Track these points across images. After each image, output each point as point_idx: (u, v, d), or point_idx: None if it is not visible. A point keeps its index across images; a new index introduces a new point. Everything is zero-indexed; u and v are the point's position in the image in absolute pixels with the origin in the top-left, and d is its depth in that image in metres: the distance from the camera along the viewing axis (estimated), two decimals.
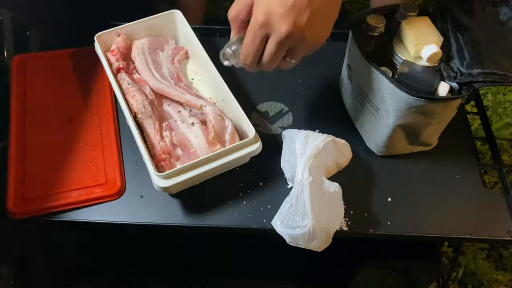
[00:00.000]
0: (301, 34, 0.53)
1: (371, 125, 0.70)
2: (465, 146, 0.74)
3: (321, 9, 0.53)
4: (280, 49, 0.55)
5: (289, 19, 0.52)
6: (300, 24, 0.52)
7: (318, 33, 0.55)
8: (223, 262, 0.90)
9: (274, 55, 0.56)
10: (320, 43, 0.56)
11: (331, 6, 0.54)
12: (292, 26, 0.52)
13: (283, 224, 0.60)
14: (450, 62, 0.61)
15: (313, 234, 0.58)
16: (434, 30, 0.62)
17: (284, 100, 0.79)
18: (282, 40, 0.53)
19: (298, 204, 0.60)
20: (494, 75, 0.57)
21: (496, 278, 1.08)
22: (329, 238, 0.60)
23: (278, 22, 0.52)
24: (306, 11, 0.52)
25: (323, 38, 0.56)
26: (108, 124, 0.74)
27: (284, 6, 0.52)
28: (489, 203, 0.68)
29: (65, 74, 0.80)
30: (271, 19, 0.53)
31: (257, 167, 0.70)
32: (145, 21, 0.79)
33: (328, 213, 0.60)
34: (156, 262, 0.90)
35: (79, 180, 0.68)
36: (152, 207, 0.67)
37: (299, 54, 0.57)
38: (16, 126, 0.73)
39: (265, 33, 0.54)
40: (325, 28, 0.55)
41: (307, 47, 0.56)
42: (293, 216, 0.60)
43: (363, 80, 0.67)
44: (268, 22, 0.53)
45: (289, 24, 0.52)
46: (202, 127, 0.68)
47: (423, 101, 0.59)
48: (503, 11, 0.63)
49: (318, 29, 0.54)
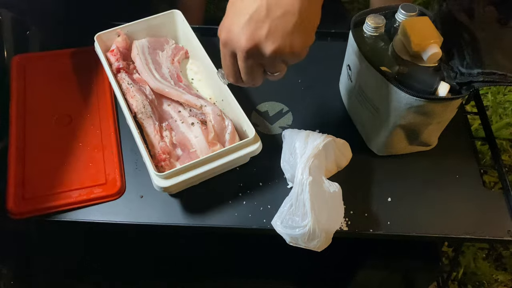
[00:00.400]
0: (263, 47, 0.49)
1: (371, 125, 0.70)
2: (465, 146, 0.74)
3: (285, 18, 0.48)
4: (250, 64, 0.52)
5: (246, 34, 0.49)
6: (260, 37, 0.48)
7: (289, 43, 0.49)
8: (223, 262, 0.90)
9: (247, 71, 0.53)
10: (297, 52, 0.50)
11: (303, 12, 0.48)
12: (251, 41, 0.49)
13: (283, 224, 0.60)
14: (450, 62, 0.61)
15: (313, 234, 0.58)
16: (434, 30, 0.62)
17: (284, 100, 0.79)
18: (245, 56, 0.51)
19: (298, 204, 0.60)
20: (494, 75, 0.57)
21: (496, 278, 1.08)
22: (329, 238, 0.60)
23: (236, 38, 0.50)
24: (265, 23, 0.48)
25: (297, 47, 0.50)
26: (108, 124, 0.74)
27: (241, 21, 0.49)
28: (489, 203, 0.68)
29: (65, 74, 0.80)
30: (230, 36, 0.50)
31: (257, 167, 0.70)
32: (145, 21, 0.80)
33: (328, 213, 0.60)
34: (156, 262, 0.90)
35: (79, 180, 0.68)
36: (152, 207, 0.67)
37: (276, 67, 0.53)
38: (16, 126, 0.73)
39: (230, 50, 0.52)
40: (298, 37, 0.49)
41: (281, 58, 0.51)
42: (293, 216, 0.60)
43: (363, 80, 0.67)
44: (228, 39, 0.51)
45: (247, 39, 0.49)
46: (202, 127, 0.68)
47: (423, 101, 0.59)
48: (503, 11, 0.63)
49: (286, 39, 0.49)
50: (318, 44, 0.87)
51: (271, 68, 0.53)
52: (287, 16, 0.48)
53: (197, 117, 0.70)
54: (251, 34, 0.49)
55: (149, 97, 0.72)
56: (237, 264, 0.90)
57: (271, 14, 0.48)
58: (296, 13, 0.48)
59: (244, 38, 0.49)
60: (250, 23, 0.48)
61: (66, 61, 0.82)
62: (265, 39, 0.49)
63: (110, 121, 0.74)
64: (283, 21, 0.48)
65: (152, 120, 0.69)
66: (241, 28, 0.49)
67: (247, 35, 0.49)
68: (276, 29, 0.48)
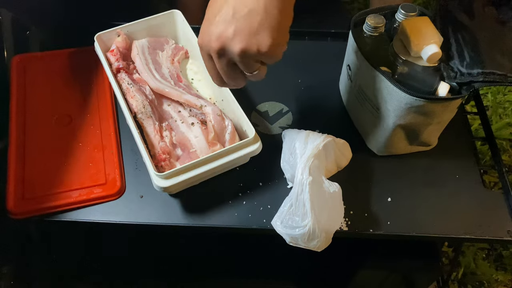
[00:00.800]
0: (231, 47, 0.49)
1: (371, 125, 0.70)
2: (465, 146, 0.74)
3: (251, 17, 0.48)
4: (225, 66, 0.52)
5: (215, 35, 0.50)
6: (227, 38, 0.49)
7: (256, 42, 0.49)
8: (223, 262, 0.90)
9: (224, 72, 0.54)
10: (265, 52, 0.49)
11: (269, 11, 0.48)
12: (219, 42, 0.49)
13: (283, 224, 0.60)
14: (450, 62, 0.61)
15: (313, 234, 0.58)
16: (434, 30, 0.62)
17: (284, 100, 0.79)
18: (216, 57, 0.51)
19: (298, 204, 0.60)
20: (494, 75, 0.57)
21: (496, 278, 1.08)
22: (329, 238, 0.60)
23: (207, 40, 0.51)
24: (231, 23, 0.48)
25: (265, 46, 0.49)
26: (108, 124, 0.74)
27: (211, 23, 0.50)
28: (489, 203, 0.68)
29: (65, 74, 0.80)
30: (203, 38, 0.52)
31: (257, 167, 0.70)
32: (145, 21, 0.80)
33: (328, 213, 0.60)
34: (156, 262, 0.90)
35: (79, 180, 0.68)
36: (152, 207, 0.67)
37: (250, 67, 0.52)
38: (16, 126, 0.73)
39: (206, 53, 0.53)
40: (265, 36, 0.49)
41: (252, 58, 0.51)
42: (293, 216, 0.60)
43: (363, 80, 0.67)
44: (201, 42, 0.52)
45: (215, 40, 0.50)
46: (202, 127, 0.68)
47: (423, 101, 0.59)
48: (503, 11, 0.63)
49: (252, 39, 0.48)
50: (318, 44, 0.88)
51: (246, 68, 0.53)
52: (252, 15, 0.48)
53: (197, 117, 0.70)
54: (219, 35, 0.49)
55: (149, 97, 0.72)
56: (237, 264, 0.90)
57: (237, 14, 0.48)
58: (261, 11, 0.48)
59: (213, 39, 0.50)
60: (218, 25, 0.49)
61: (66, 61, 0.82)
62: (231, 40, 0.49)
63: (110, 121, 0.74)
64: (248, 20, 0.48)
65: (152, 120, 0.69)
66: (211, 30, 0.50)
67: (215, 37, 0.50)
68: (242, 29, 0.48)
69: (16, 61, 0.80)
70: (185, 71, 0.81)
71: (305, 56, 0.85)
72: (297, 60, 0.85)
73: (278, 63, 0.60)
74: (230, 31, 0.49)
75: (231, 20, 0.49)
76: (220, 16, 0.49)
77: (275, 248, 0.78)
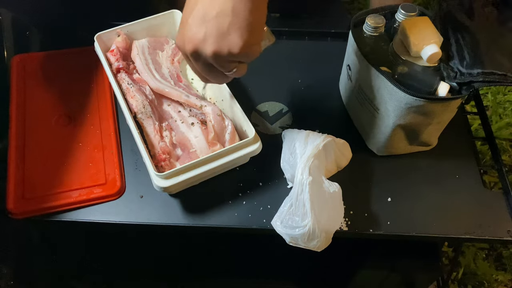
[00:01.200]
0: (203, 50, 0.50)
1: (371, 125, 0.70)
2: (465, 146, 0.74)
3: (220, 19, 0.48)
4: (202, 66, 0.53)
5: (187, 38, 0.51)
6: (198, 41, 0.50)
7: (227, 44, 0.49)
8: (223, 262, 0.90)
9: (203, 71, 0.55)
10: (237, 52, 0.49)
11: (238, 11, 0.48)
12: (191, 44, 0.50)
13: (283, 224, 0.60)
14: (450, 62, 0.61)
15: (312, 234, 0.58)
16: (434, 30, 0.62)
17: (284, 100, 0.79)
18: (192, 59, 0.53)
19: (298, 204, 0.60)
20: (494, 75, 0.57)
21: (496, 278, 1.08)
22: (329, 238, 0.60)
23: (181, 43, 0.52)
24: (202, 26, 0.49)
25: (236, 47, 0.49)
26: (108, 124, 0.74)
27: (184, 27, 0.51)
28: (489, 203, 0.68)
29: (65, 74, 0.80)
30: (179, 41, 0.53)
31: (257, 167, 0.70)
32: (145, 21, 0.79)
33: (328, 213, 0.60)
34: (156, 262, 0.90)
35: (79, 180, 0.68)
36: (152, 207, 0.67)
37: (226, 67, 0.53)
38: (16, 126, 0.73)
39: (184, 54, 0.54)
40: (235, 37, 0.49)
41: (225, 59, 0.51)
42: (293, 216, 0.60)
43: (363, 80, 0.67)
44: (178, 44, 0.53)
45: (188, 43, 0.51)
46: (202, 127, 0.68)
47: (422, 101, 0.59)
48: (503, 11, 0.63)
49: (223, 40, 0.49)
50: (318, 44, 0.88)
51: (222, 68, 0.53)
52: (221, 17, 0.48)
53: (197, 117, 0.70)
54: (191, 38, 0.50)
55: (149, 97, 0.72)
56: (237, 264, 0.90)
57: (207, 16, 0.49)
58: (230, 13, 0.48)
59: (186, 42, 0.51)
60: (191, 28, 0.50)
61: (66, 61, 0.82)
62: (202, 42, 0.50)
63: (110, 121, 0.74)
64: (218, 22, 0.48)
65: (152, 120, 0.69)
66: (184, 33, 0.51)
67: (188, 39, 0.51)
68: (211, 31, 0.49)
69: (16, 61, 0.80)
70: (185, 71, 0.81)
71: (305, 56, 0.85)
72: (297, 60, 0.85)
73: (278, 63, 0.60)
74: (201, 34, 0.49)
75: (201, 23, 0.49)
76: (192, 18, 0.50)
77: (275, 248, 0.78)
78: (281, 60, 0.85)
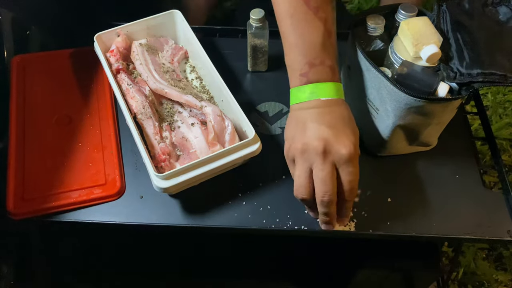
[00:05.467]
0: None
1: (371, 125, 0.70)
2: (465, 146, 0.74)
3: None
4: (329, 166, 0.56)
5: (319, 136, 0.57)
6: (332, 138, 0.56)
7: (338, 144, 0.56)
8: (223, 262, 0.90)
9: (326, 174, 0.57)
10: (345, 150, 0.56)
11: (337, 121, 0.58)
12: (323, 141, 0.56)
13: None
14: (450, 63, 0.61)
15: None
16: (433, 30, 0.62)
17: (284, 100, 0.79)
18: (322, 158, 0.56)
19: None
20: (494, 76, 0.57)
21: (496, 278, 1.08)
22: None
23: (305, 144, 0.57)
24: None
25: (346, 147, 0.56)
26: (108, 125, 0.74)
27: (302, 131, 0.58)
28: (489, 203, 0.68)
29: (65, 74, 0.80)
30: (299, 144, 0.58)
31: (257, 167, 0.70)
32: (145, 21, 0.79)
33: None
34: (156, 262, 0.90)
35: (79, 180, 0.68)
36: (151, 207, 0.67)
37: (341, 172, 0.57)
38: (16, 126, 0.73)
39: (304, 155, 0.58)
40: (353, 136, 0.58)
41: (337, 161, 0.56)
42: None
43: (363, 80, 0.67)
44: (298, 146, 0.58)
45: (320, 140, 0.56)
46: (202, 128, 0.68)
47: (422, 102, 0.59)
48: (503, 11, 0.63)
49: None
50: None
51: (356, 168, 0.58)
52: None
53: (197, 118, 0.70)
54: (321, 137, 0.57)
55: (148, 98, 0.72)
56: (237, 264, 0.90)
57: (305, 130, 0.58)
58: None
59: (317, 140, 0.57)
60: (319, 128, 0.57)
61: (66, 61, 0.82)
62: None
63: (110, 121, 0.74)
64: None
65: (152, 121, 0.69)
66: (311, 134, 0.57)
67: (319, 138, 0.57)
68: None
69: (16, 61, 0.80)
70: (185, 71, 0.81)
71: None
72: None
73: (278, 63, 0.60)
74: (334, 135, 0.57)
75: None
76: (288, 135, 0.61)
77: (275, 248, 0.78)
78: (281, 60, 0.84)
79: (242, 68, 0.83)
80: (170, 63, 0.79)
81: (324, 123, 0.57)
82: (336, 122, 0.57)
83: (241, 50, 0.82)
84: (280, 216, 0.65)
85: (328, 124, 0.57)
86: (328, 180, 0.55)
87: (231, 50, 0.86)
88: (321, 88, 0.58)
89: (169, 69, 0.77)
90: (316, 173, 0.56)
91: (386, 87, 0.62)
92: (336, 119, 0.58)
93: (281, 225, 0.65)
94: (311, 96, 0.58)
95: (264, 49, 0.79)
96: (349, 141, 0.56)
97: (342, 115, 0.59)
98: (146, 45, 0.79)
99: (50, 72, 0.80)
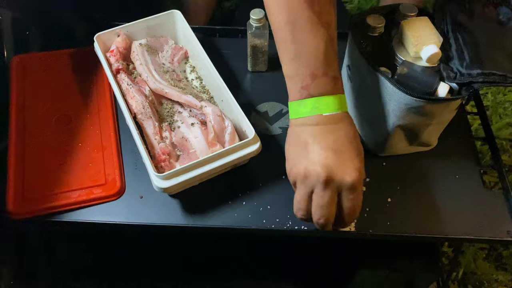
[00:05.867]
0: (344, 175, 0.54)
1: (371, 125, 0.70)
2: (465, 146, 0.74)
3: None
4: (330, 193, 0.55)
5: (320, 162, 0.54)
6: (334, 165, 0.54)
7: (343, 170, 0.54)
8: (223, 262, 0.90)
9: (327, 201, 0.55)
10: (349, 178, 0.54)
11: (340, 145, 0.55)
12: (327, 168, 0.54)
13: None
14: (450, 63, 0.61)
15: None
16: (433, 31, 0.62)
17: (284, 100, 0.79)
18: (324, 185, 0.54)
19: None
20: (494, 76, 0.57)
21: (496, 278, 1.08)
22: None
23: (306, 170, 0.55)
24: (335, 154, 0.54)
25: (351, 176, 0.54)
26: (107, 125, 0.74)
27: (305, 154, 0.56)
28: (489, 203, 0.68)
29: (65, 74, 0.80)
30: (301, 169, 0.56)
31: (257, 167, 0.70)
32: (145, 21, 0.79)
33: None
34: (156, 262, 0.90)
35: (79, 180, 0.68)
36: (151, 207, 0.67)
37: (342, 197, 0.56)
38: (16, 126, 0.73)
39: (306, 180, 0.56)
40: None
41: (342, 186, 0.55)
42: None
43: (362, 80, 0.67)
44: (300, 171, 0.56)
45: (324, 167, 0.54)
46: (202, 128, 0.68)
47: (422, 102, 0.59)
48: (503, 11, 0.63)
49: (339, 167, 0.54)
50: None
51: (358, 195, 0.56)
52: None
53: (197, 118, 0.70)
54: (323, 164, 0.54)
55: (148, 98, 0.72)
56: (237, 264, 0.90)
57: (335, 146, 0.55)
58: None
59: (320, 167, 0.54)
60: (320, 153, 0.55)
61: (66, 61, 0.82)
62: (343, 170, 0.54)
63: (110, 121, 0.74)
64: None
65: (151, 121, 0.69)
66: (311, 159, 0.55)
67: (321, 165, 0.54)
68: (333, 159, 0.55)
69: (16, 61, 0.80)
70: (185, 72, 0.81)
71: None
72: None
73: (277, 63, 0.60)
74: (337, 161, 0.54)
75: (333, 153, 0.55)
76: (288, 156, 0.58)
77: (274, 248, 0.78)
78: None
79: (242, 68, 0.83)
80: (170, 63, 0.79)
81: (328, 145, 0.54)
82: (340, 143, 0.54)
83: (241, 50, 0.82)
84: (280, 216, 0.65)
85: (332, 147, 0.54)
86: (325, 207, 0.54)
87: (231, 50, 0.86)
88: (324, 103, 0.55)
89: (169, 69, 0.77)
90: (316, 198, 0.55)
91: (386, 87, 0.62)
92: (341, 139, 0.55)
93: (281, 225, 0.65)
94: (313, 111, 0.55)
95: (264, 49, 0.79)
96: (353, 168, 0.54)
97: (347, 134, 0.55)
98: (146, 45, 0.79)
99: (50, 72, 0.80)
